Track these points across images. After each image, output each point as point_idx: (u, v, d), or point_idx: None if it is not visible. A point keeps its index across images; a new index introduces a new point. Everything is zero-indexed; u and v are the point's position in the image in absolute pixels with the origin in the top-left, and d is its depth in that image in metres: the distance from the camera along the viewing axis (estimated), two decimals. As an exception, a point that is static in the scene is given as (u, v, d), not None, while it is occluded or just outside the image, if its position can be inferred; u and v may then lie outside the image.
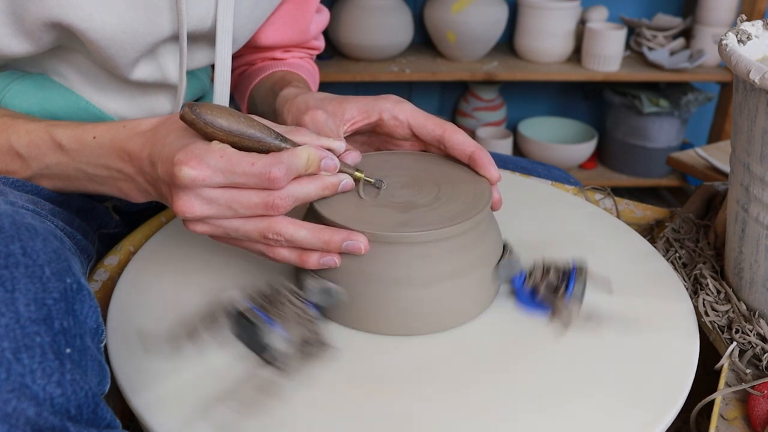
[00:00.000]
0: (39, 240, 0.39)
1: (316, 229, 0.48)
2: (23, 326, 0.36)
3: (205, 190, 0.46)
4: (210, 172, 0.45)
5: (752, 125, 0.52)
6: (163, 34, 0.61)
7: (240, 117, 0.47)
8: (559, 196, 0.74)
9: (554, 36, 1.86)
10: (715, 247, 0.66)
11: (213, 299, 0.53)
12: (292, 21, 0.78)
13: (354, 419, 0.44)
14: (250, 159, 0.45)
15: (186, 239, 0.62)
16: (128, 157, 0.52)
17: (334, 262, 0.49)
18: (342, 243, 0.48)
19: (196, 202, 0.46)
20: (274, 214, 0.47)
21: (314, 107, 0.58)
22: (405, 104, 0.58)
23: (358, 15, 1.79)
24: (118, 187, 0.55)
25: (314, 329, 0.49)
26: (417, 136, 0.59)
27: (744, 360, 0.54)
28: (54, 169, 0.55)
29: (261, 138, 0.47)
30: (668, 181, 2.03)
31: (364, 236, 0.48)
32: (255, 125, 0.47)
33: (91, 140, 0.53)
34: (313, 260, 0.49)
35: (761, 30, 0.57)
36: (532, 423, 0.44)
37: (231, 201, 0.46)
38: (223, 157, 0.45)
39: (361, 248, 0.48)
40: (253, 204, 0.46)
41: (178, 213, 0.47)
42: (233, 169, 0.45)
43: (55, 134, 0.54)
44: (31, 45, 0.57)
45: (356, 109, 0.58)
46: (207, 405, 0.44)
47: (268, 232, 0.47)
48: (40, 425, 0.35)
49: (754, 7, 1.81)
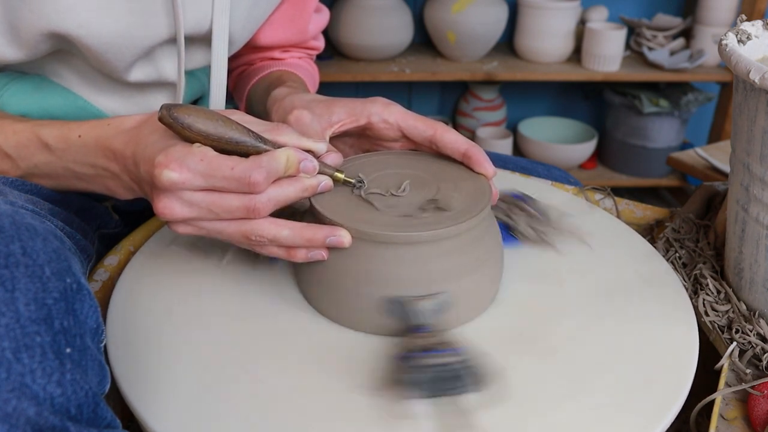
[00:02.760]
0: (39, 240, 0.39)
1: (298, 227, 0.49)
2: (23, 326, 0.36)
3: (185, 193, 0.46)
4: (190, 175, 0.45)
5: (752, 125, 0.52)
6: (161, 38, 0.61)
7: (218, 119, 0.47)
8: (559, 196, 0.74)
9: (554, 36, 1.85)
10: (715, 247, 0.66)
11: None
12: (290, 21, 0.78)
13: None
14: (230, 163, 0.45)
15: (186, 239, 0.62)
16: (113, 156, 0.52)
17: (322, 255, 0.50)
18: (325, 239, 0.49)
19: (176, 204, 0.47)
20: (256, 217, 0.47)
21: (300, 107, 0.58)
22: (394, 106, 0.58)
23: (358, 15, 1.79)
24: (105, 184, 0.55)
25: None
26: (407, 137, 0.59)
27: (744, 360, 0.54)
28: (43, 168, 0.56)
29: (239, 140, 0.47)
30: (668, 181, 2.03)
31: (346, 230, 0.49)
32: (233, 127, 0.47)
33: (77, 139, 0.53)
34: (301, 255, 0.50)
35: (761, 30, 0.57)
36: (532, 423, 0.44)
37: (212, 204, 0.47)
38: (204, 160, 0.45)
39: (344, 242, 0.49)
40: (234, 208, 0.47)
41: (159, 215, 0.47)
42: (213, 173, 0.45)
43: (41, 134, 0.54)
44: (26, 53, 0.57)
45: (344, 112, 0.58)
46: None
47: (251, 235, 0.48)
48: (41, 425, 0.35)
49: (754, 7, 1.81)
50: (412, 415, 0.43)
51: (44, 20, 0.54)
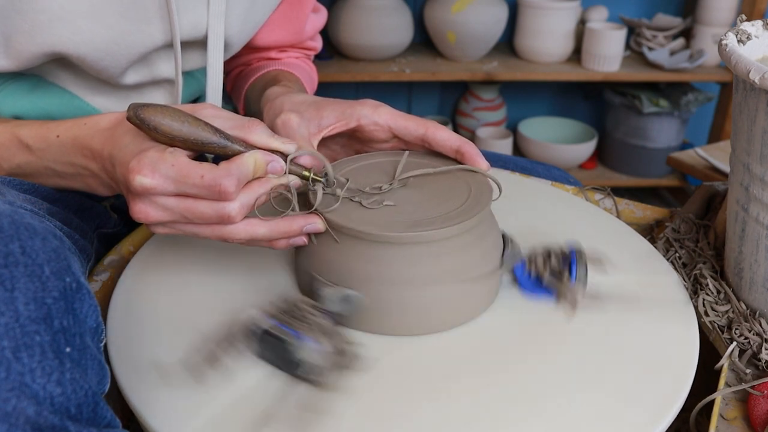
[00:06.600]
0: (38, 239, 0.39)
1: (273, 223, 0.49)
2: (23, 325, 0.36)
3: (159, 198, 0.46)
4: (162, 180, 0.45)
5: (752, 125, 0.52)
6: (156, 44, 0.61)
7: (185, 119, 0.47)
8: (559, 196, 0.74)
9: (554, 36, 1.85)
10: (715, 247, 0.66)
11: (230, 320, 0.51)
12: (286, 21, 0.78)
13: (406, 425, 0.44)
14: (200, 171, 0.45)
15: (186, 239, 0.62)
16: (91, 155, 0.52)
17: (303, 241, 0.51)
18: (301, 229, 0.50)
19: (150, 208, 0.47)
20: (229, 224, 0.48)
21: (289, 110, 0.58)
22: (383, 108, 0.58)
23: (358, 15, 1.79)
24: (86, 182, 0.55)
25: (343, 339, 0.48)
26: (399, 137, 0.59)
27: (744, 360, 0.54)
28: (25, 168, 0.56)
29: (205, 141, 0.47)
30: (668, 181, 2.03)
31: (320, 217, 0.50)
32: (201, 127, 0.47)
33: (55, 139, 0.54)
34: (281, 244, 0.51)
35: (761, 30, 0.57)
36: (532, 423, 0.44)
37: (185, 211, 0.47)
38: (175, 165, 0.45)
39: (320, 228, 0.51)
40: (207, 215, 0.47)
41: (135, 218, 0.48)
42: (184, 180, 0.45)
43: (20, 135, 0.55)
44: (20, 64, 0.57)
45: (334, 116, 0.58)
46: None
47: (227, 239, 0.49)
48: (40, 424, 0.35)
49: (754, 7, 1.81)
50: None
51: (38, 29, 0.54)
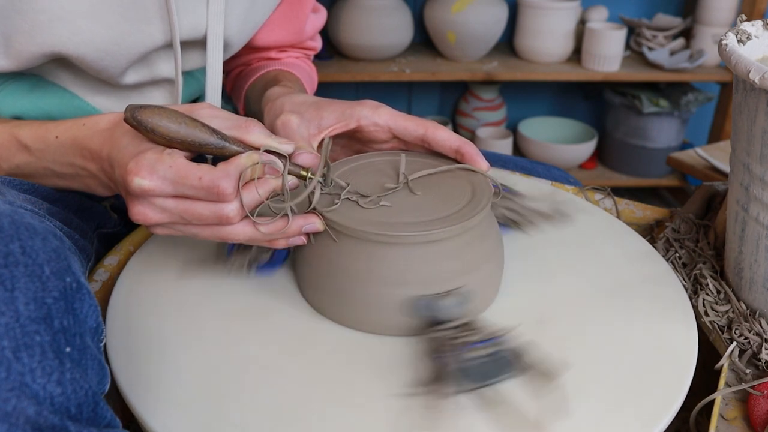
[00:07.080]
0: (38, 239, 0.39)
1: (271, 224, 0.49)
2: (23, 325, 0.36)
3: (157, 199, 0.47)
4: (160, 182, 0.46)
5: (752, 125, 0.52)
6: (155, 44, 0.61)
7: (183, 120, 0.47)
8: (560, 196, 0.74)
9: (554, 36, 1.85)
10: (715, 247, 0.66)
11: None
12: (286, 21, 0.78)
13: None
14: (198, 172, 0.46)
15: (186, 239, 0.62)
16: (90, 156, 0.52)
17: (302, 240, 0.52)
18: (300, 229, 0.50)
19: (149, 210, 0.47)
20: (228, 225, 0.48)
21: (289, 111, 0.58)
22: (383, 108, 0.58)
23: (358, 15, 1.79)
24: (85, 183, 0.55)
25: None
26: (398, 138, 0.59)
27: (744, 360, 0.54)
28: (24, 168, 0.56)
29: (203, 142, 0.47)
30: (668, 181, 2.03)
31: (319, 217, 0.51)
32: (198, 128, 0.47)
33: (54, 139, 0.54)
34: (280, 243, 0.51)
35: (761, 30, 0.57)
36: (531, 422, 0.44)
37: (183, 212, 0.47)
38: (173, 167, 0.46)
39: (319, 228, 0.51)
40: (205, 217, 0.47)
41: (133, 220, 0.48)
42: (182, 182, 0.46)
43: (19, 135, 0.55)
44: (20, 64, 0.57)
45: (333, 117, 0.58)
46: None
47: (226, 239, 0.49)
48: (40, 424, 0.35)
49: (754, 7, 1.81)
50: (461, 408, 0.44)
51: (38, 29, 0.54)
